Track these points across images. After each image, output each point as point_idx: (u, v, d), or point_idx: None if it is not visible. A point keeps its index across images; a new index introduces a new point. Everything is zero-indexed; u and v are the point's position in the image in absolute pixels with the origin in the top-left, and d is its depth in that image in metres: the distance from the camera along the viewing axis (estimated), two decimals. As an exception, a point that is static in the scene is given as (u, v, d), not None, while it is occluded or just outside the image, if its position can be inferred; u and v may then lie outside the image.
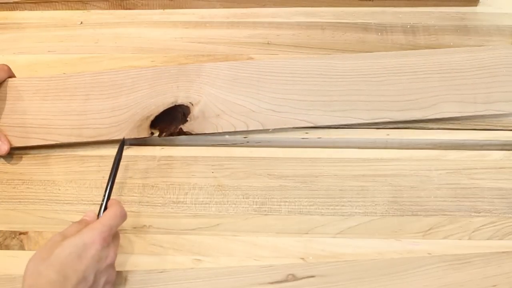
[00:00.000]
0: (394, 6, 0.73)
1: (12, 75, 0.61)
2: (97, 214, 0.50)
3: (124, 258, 0.52)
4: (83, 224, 0.47)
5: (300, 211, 0.55)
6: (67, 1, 0.72)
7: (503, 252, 0.52)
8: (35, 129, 0.58)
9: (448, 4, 0.73)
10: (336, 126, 0.60)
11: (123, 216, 0.49)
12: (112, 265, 0.48)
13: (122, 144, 0.55)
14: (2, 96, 0.60)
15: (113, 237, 0.48)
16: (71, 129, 0.58)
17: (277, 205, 0.55)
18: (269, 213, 0.55)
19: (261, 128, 0.59)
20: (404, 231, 0.54)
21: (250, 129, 0.59)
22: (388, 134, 0.60)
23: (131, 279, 0.51)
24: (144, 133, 0.58)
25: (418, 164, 0.58)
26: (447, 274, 0.51)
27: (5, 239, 0.53)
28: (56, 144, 0.58)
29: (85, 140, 0.58)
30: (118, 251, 0.49)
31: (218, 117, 0.59)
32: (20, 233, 0.54)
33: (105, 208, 0.50)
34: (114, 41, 0.69)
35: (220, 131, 0.58)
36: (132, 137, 0.58)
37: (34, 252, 0.44)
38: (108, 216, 0.48)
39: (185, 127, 0.58)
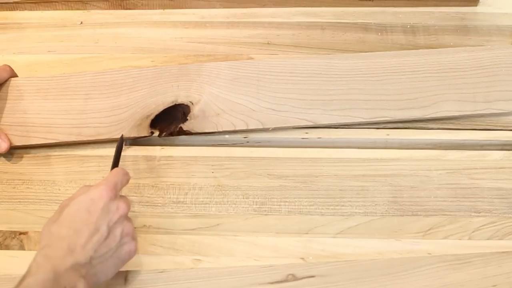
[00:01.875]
0: (394, 6, 0.73)
1: (14, 75, 0.62)
2: None
3: (124, 258, 0.52)
4: (89, 186, 0.48)
5: (300, 211, 0.55)
6: (67, 1, 0.72)
7: (503, 252, 0.52)
8: (35, 128, 0.58)
9: (448, 4, 0.73)
10: (336, 126, 0.60)
11: (126, 174, 0.50)
12: (125, 217, 0.48)
13: (121, 141, 0.56)
14: (3, 96, 0.60)
15: (122, 196, 0.49)
16: (71, 128, 0.58)
17: (277, 205, 0.55)
18: (269, 213, 0.55)
19: (261, 127, 0.59)
20: (404, 231, 0.54)
21: (250, 128, 0.59)
22: (388, 134, 0.60)
23: (131, 279, 0.50)
24: (144, 132, 0.58)
25: (418, 164, 0.58)
26: (447, 274, 0.51)
27: (5, 239, 0.53)
28: (56, 143, 0.58)
29: (85, 139, 0.58)
30: None
31: (218, 116, 0.59)
32: (20, 233, 0.54)
33: None
34: (114, 41, 0.69)
35: (220, 130, 0.59)
36: (132, 136, 0.58)
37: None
38: (112, 174, 0.49)
39: (185, 126, 0.59)
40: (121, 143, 0.56)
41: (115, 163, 0.53)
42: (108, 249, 0.45)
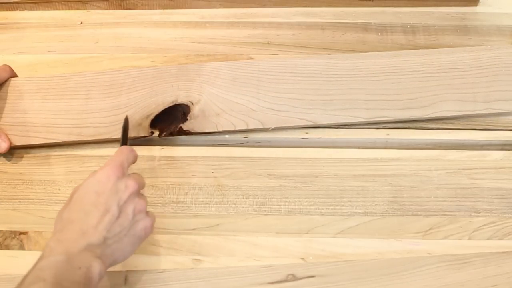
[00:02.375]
0: (394, 6, 0.73)
1: (14, 75, 0.62)
2: None
3: (124, 258, 0.52)
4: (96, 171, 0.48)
5: (300, 211, 0.55)
6: (67, 1, 0.72)
7: (503, 252, 0.52)
8: (35, 128, 0.58)
9: (448, 4, 0.73)
10: (336, 126, 0.60)
11: (132, 151, 0.50)
12: (136, 194, 0.47)
13: (126, 121, 0.56)
14: (3, 96, 0.60)
15: (131, 174, 0.48)
16: (71, 128, 0.58)
17: (277, 205, 0.55)
18: (269, 213, 0.55)
19: (261, 127, 0.59)
20: (404, 231, 0.54)
21: (250, 128, 0.59)
22: (388, 134, 0.60)
23: (131, 279, 0.51)
24: (144, 132, 0.58)
25: (418, 164, 0.58)
26: (447, 274, 0.51)
27: (5, 239, 0.53)
28: (56, 143, 0.58)
29: (85, 139, 0.58)
30: None
31: (218, 116, 0.59)
32: (20, 233, 0.54)
33: None
34: (114, 41, 0.69)
35: (220, 130, 0.59)
36: (132, 136, 0.58)
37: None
38: (117, 154, 0.49)
39: (185, 126, 0.59)
40: (126, 124, 0.55)
41: (123, 143, 0.53)
42: (121, 228, 0.44)
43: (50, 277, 0.39)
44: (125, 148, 0.50)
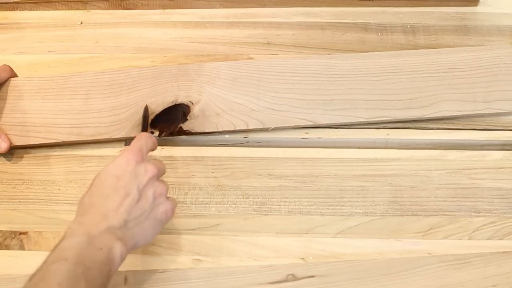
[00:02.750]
0: (394, 6, 0.73)
1: (14, 75, 0.62)
2: None
3: (124, 258, 0.52)
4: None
5: (300, 211, 0.55)
6: (67, 1, 0.72)
7: (503, 252, 0.52)
8: (35, 128, 0.58)
9: (448, 4, 0.73)
10: (336, 125, 0.60)
11: (150, 137, 0.50)
12: (156, 178, 0.47)
13: (146, 110, 0.57)
14: (3, 95, 0.60)
15: (151, 159, 0.48)
16: (71, 128, 0.58)
17: (277, 205, 0.55)
18: (269, 213, 0.55)
19: (261, 126, 0.59)
20: (404, 231, 0.54)
21: (250, 128, 0.59)
22: (388, 134, 0.60)
23: (131, 279, 0.51)
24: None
25: (418, 164, 0.58)
26: (447, 274, 0.51)
27: (5, 239, 0.53)
28: (56, 143, 0.58)
29: (85, 139, 0.58)
30: None
31: (218, 116, 0.59)
32: (20, 233, 0.54)
33: None
34: (114, 41, 0.69)
35: (220, 130, 0.59)
36: (132, 136, 0.58)
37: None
38: (136, 139, 0.49)
39: (185, 126, 0.59)
40: (146, 112, 0.57)
41: (143, 131, 0.54)
42: (142, 211, 0.45)
43: (72, 257, 0.40)
44: (144, 134, 0.50)
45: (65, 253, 0.40)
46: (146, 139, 0.49)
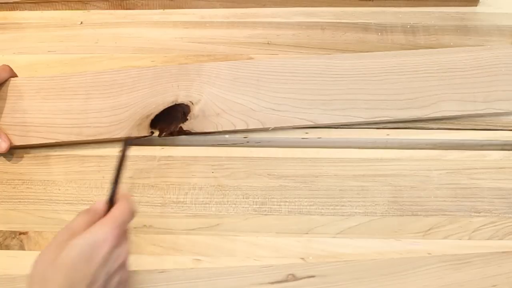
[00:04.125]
0: (394, 6, 0.73)
1: (14, 75, 0.61)
2: (105, 204, 0.45)
3: (124, 258, 0.52)
4: (91, 214, 0.44)
5: (300, 211, 0.55)
6: (67, 1, 0.72)
7: (503, 252, 0.52)
8: (35, 128, 0.58)
9: (448, 4, 0.73)
10: (336, 125, 0.60)
11: (133, 213, 0.45)
12: (124, 264, 0.44)
13: (125, 145, 0.49)
14: (3, 95, 0.60)
15: (124, 237, 0.45)
16: (71, 128, 0.58)
17: (277, 205, 0.55)
18: (269, 213, 0.55)
19: (261, 126, 0.59)
20: (404, 231, 0.54)
21: (250, 127, 0.59)
22: (388, 134, 0.60)
23: (131, 279, 0.50)
24: (144, 132, 0.58)
25: (418, 164, 0.58)
26: (447, 274, 0.51)
27: (5, 239, 0.53)
28: (56, 143, 0.58)
29: (85, 139, 0.58)
30: None
31: (218, 116, 0.59)
32: (20, 233, 0.54)
33: (112, 203, 0.45)
34: (114, 41, 0.69)
35: (220, 129, 0.59)
36: (132, 136, 0.58)
37: (39, 252, 0.43)
38: (120, 211, 0.44)
39: (185, 126, 0.59)
40: (124, 151, 0.48)
41: (117, 176, 0.47)
42: None
43: None
44: (127, 206, 0.45)
45: None
46: (131, 214, 0.45)
